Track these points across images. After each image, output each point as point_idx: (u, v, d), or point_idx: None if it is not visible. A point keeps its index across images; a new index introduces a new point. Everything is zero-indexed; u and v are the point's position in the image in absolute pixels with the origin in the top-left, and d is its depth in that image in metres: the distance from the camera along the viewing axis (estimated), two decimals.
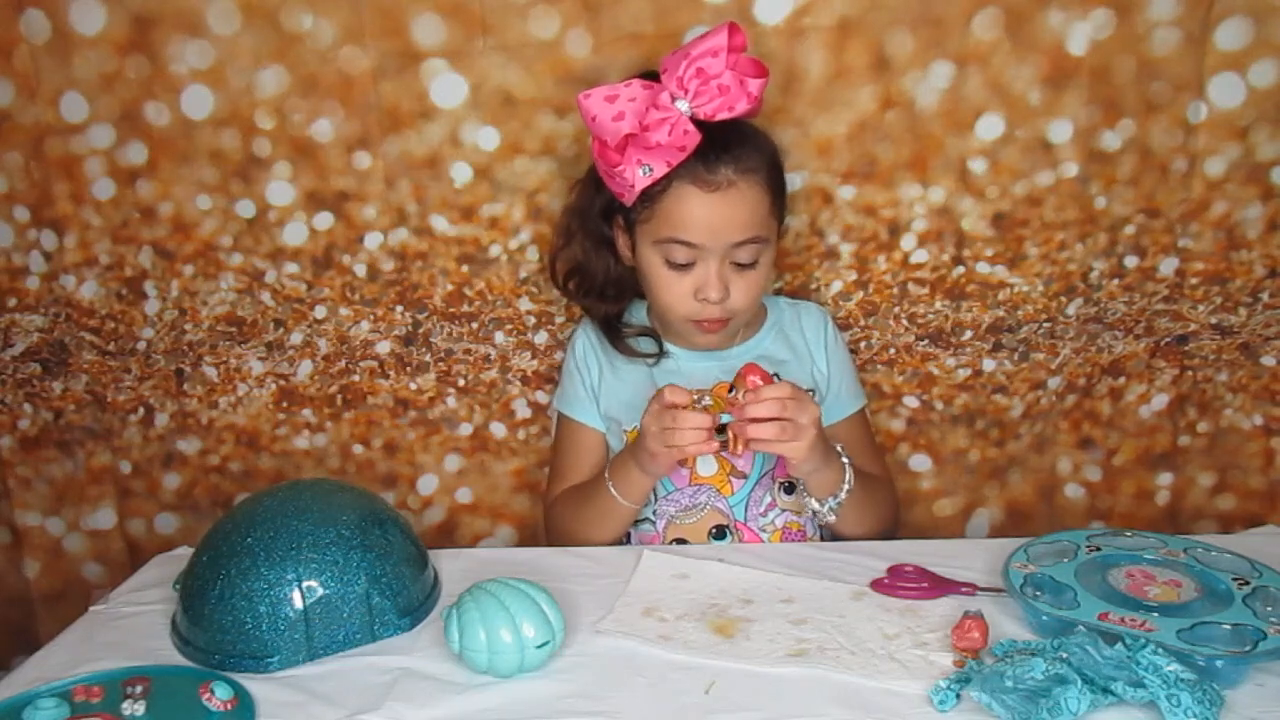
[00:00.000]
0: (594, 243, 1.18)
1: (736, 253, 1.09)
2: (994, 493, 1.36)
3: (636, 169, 1.06)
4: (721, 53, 1.04)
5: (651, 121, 1.04)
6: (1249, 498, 1.34)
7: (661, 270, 1.11)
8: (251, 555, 0.92)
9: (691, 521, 1.15)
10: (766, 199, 1.09)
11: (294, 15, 1.20)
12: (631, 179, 1.06)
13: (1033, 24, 1.17)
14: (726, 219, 1.07)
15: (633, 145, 1.06)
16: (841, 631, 0.91)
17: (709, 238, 1.07)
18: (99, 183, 1.27)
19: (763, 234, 1.09)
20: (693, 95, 1.05)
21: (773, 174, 1.11)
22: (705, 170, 1.06)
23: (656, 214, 1.09)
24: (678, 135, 1.04)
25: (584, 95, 1.07)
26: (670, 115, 1.05)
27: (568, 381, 1.24)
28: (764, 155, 1.10)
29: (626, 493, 1.10)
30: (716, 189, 1.06)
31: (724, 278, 1.09)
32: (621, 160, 1.06)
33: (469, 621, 0.85)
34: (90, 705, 0.84)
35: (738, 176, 1.07)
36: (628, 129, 1.04)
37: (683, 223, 1.08)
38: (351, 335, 1.32)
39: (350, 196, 1.26)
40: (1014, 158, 1.22)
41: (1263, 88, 1.18)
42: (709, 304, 1.09)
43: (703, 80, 1.05)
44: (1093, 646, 0.80)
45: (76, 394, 1.36)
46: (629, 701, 0.83)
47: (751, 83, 1.06)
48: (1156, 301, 1.27)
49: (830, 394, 1.20)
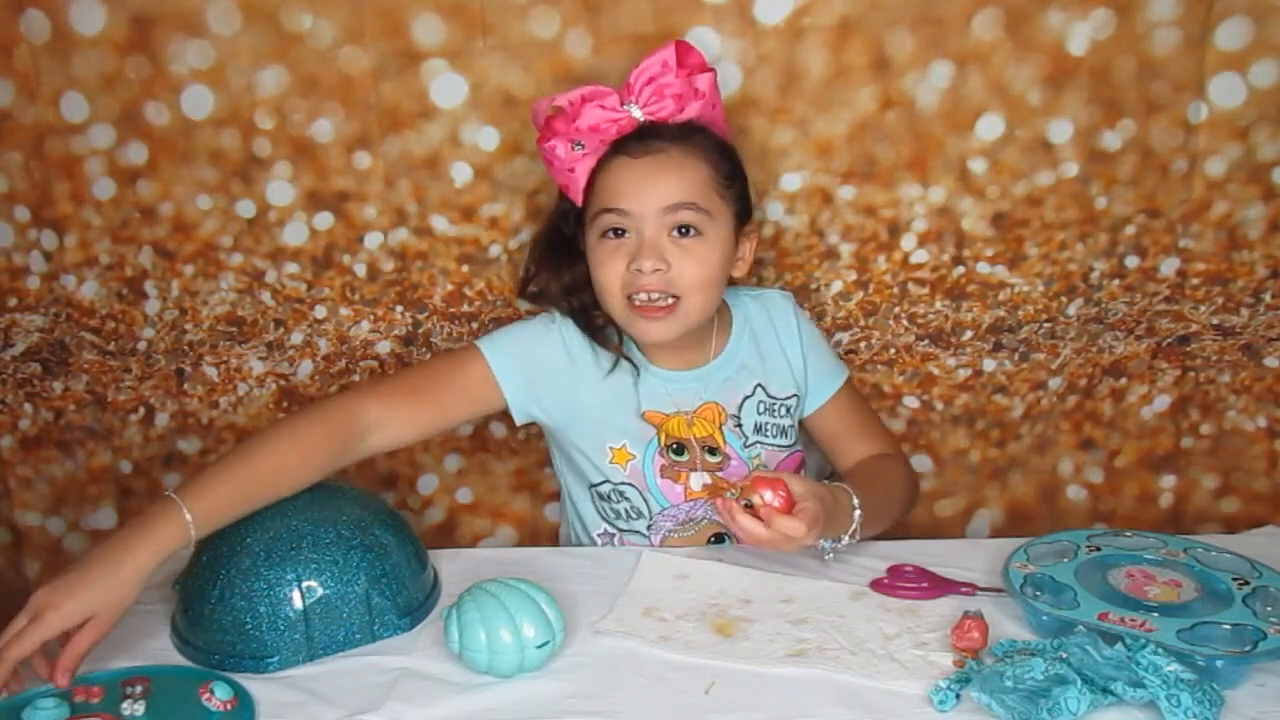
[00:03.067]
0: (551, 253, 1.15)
1: (673, 217, 1.05)
2: (995, 493, 1.36)
3: (569, 145, 1.06)
4: (670, 64, 1.05)
5: (600, 121, 1.05)
6: (1253, 500, 1.34)
7: (597, 247, 1.07)
8: (251, 555, 0.92)
9: (690, 534, 1.14)
10: (706, 171, 1.06)
11: (294, 15, 1.20)
12: (564, 155, 1.06)
13: (1033, 24, 1.17)
14: (656, 181, 1.04)
15: (565, 127, 1.06)
16: (841, 631, 0.91)
17: (638, 202, 1.04)
18: (99, 183, 1.27)
19: (699, 202, 1.04)
20: (644, 101, 1.05)
21: (720, 157, 1.08)
22: (637, 142, 1.06)
23: (594, 195, 1.08)
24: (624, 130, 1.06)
25: (535, 104, 1.10)
26: (620, 117, 1.05)
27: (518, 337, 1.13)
28: (710, 140, 1.08)
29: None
30: (646, 154, 1.05)
31: (660, 248, 1.04)
32: (553, 138, 1.06)
33: (469, 621, 0.85)
34: (90, 705, 0.84)
35: (671, 145, 1.05)
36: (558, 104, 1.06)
37: (613, 191, 1.06)
38: (352, 335, 1.32)
39: (350, 196, 1.26)
40: (1014, 158, 1.22)
41: (1263, 88, 1.18)
42: (642, 274, 1.03)
43: (655, 89, 1.05)
44: (1093, 646, 0.80)
45: (77, 394, 1.36)
46: (629, 701, 0.83)
47: (699, 79, 1.06)
48: (1158, 302, 1.27)
49: (810, 380, 1.18)
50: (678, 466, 1.13)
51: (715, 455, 1.13)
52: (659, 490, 1.13)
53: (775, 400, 1.16)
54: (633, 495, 1.13)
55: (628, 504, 1.13)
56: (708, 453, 1.13)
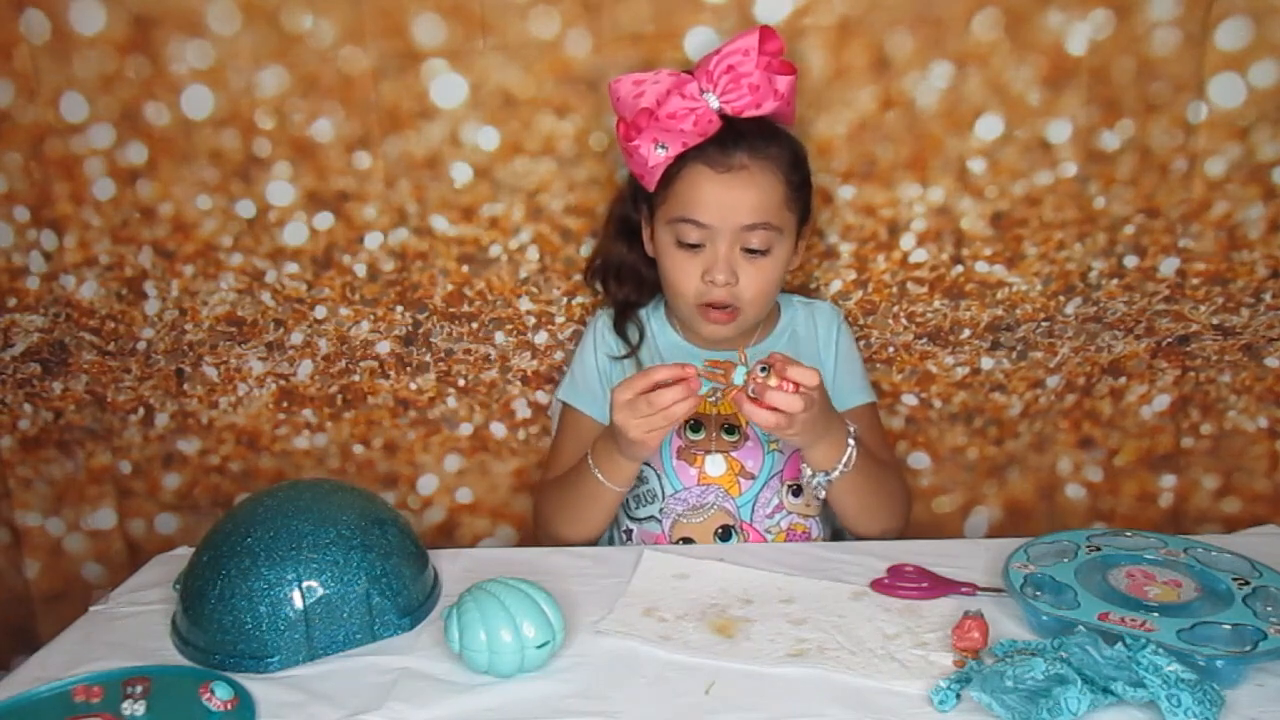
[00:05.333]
0: (620, 232, 1.21)
1: (747, 237, 1.09)
2: (993, 491, 1.36)
3: (652, 146, 1.07)
4: (753, 52, 1.06)
5: (678, 109, 1.06)
6: (1254, 501, 1.34)
7: (673, 251, 1.12)
8: (252, 555, 0.92)
9: (699, 521, 1.15)
10: (781, 189, 1.10)
11: (294, 15, 1.20)
12: (648, 155, 1.07)
13: (1032, 24, 1.17)
14: (736, 200, 1.08)
15: (650, 123, 1.07)
16: (841, 631, 0.91)
17: (718, 218, 1.08)
18: (99, 183, 1.27)
19: (774, 222, 1.09)
20: (721, 90, 1.07)
21: (792, 169, 1.11)
22: (719, 152, 1.08)
23: (670, 195, 1.11)
24: (701, 124, 1.07)
25: (615, 80, 1.11)
26: (698, 106, 1.07)
27: (579, 370, 1.24)
28: (784, 149, 1.11)
29: (612, 476, 1.09)
30: (729, 170, 1.08)
31: (732, 262, 1.10)
32: (638, 137, 1.07)
33: (469, 621, 0.85)
34: (90, 705, 0.84)
35: (751, 161, 1.08)
36: (645, 105, 1.07)
37: (693, 202, 1.09)
38: (351, 335, 1.32)
39: (350, 196, 1.26)
40: (1013, 157, 1.22)
41: (1263, 88, 1.18)
42: (715, 286, 1.10)
43: (733, 77, 1.06)
44: (1093, 646, 0.79)
45: (76, 394, 1.36)
46: (629, 701, 0.83)
47: (779, 80, 1.08)
48: (1157, 302, 1.27)
49: (835, 390, 1.19)
50: (694, 448, 1.16)
51: (733, 434, 1.16)
52: (674, 472, 1.16)
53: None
54: (650, 476, 1.17)
55: (645, 487, 1.17)
56: (724, 431, 1.15)
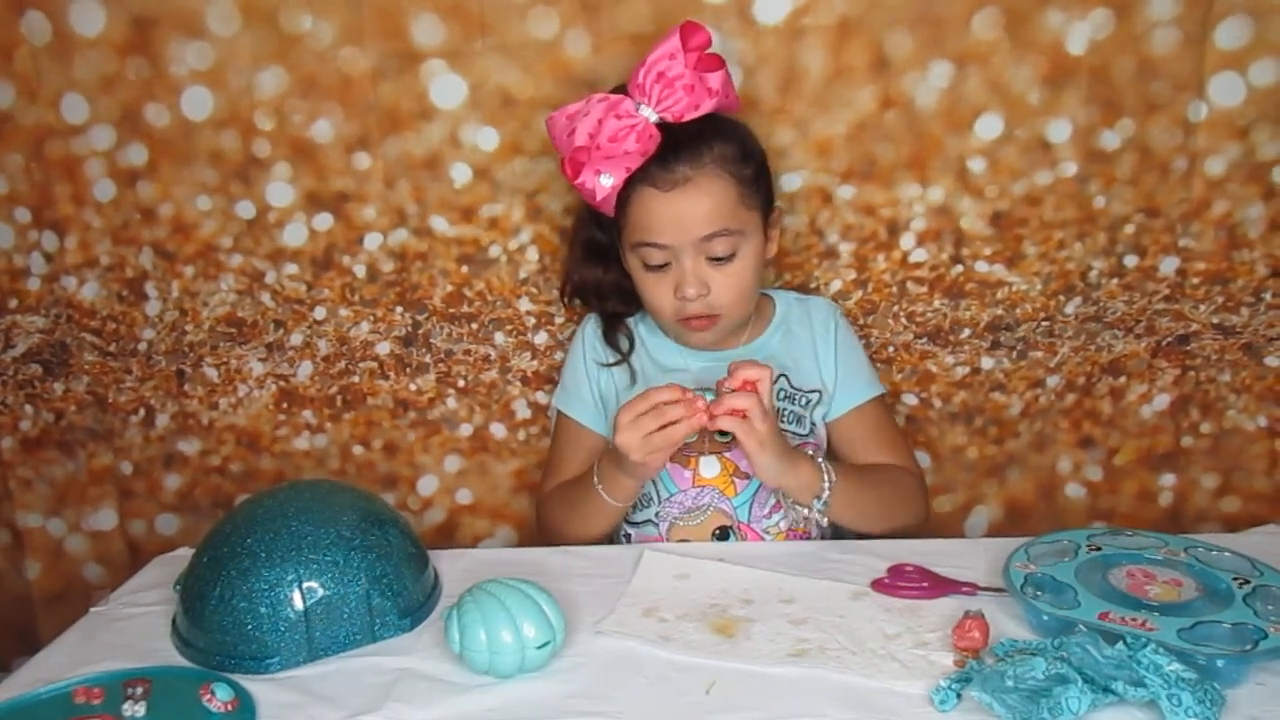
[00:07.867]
0: (589, 255, 1.21)
1: (708, 247, 1.09)
2: (993, 490, 1.36)
3: (596, 178, 1.06)
4: (679, 54, 1.05)
5: (617, 131, 1.05)
6: (1254, 500, 1.34)
7: (642, 274, 1.13)
8: (252, 556, 0.92)
9: (695, 523, 1.15)
10: (733, 189, 1.08)
11: (294, 16, 1.20)
12: (594, 188, 1.07)
13: (1032, 24, 1.17)
14: (687, 214, 1.07)
15: (589, 156, 1.06)
16: (842, 631, 0.91)
17: (674, 236, 1.08)
18: (99, 184, 1.27)
19: (732, 225, 1.08)
20: (656, 100, 1.06)
21: (741, 164, 1.10)
22: (661, 170, 1.07)
23: (627, 221, 1.11)
24: (644, 140, 1.06)
25: (549, 117, 1.11)
26: (636, 122, 1.06)
27: (570, 377, 1.24)
28: (729, 147, 1.09)
29: (616, 494, 1.09)
30: (673, 186, 1.07)
31: (700, 274, 1.09)
32: (579, 174, 1.07)
33: (469, 622, 0.85)
34: (91, 706, 0.84)
35: (693, 171, 1.07)
36: (579, 144, 1.06)
37: (647, 226, 1.09)
38: (351, 336, 1.32)
39: (350, 197, 1.27)
40: (1013, 157, 1.22)
41: (1263, 87, 1.18)
42: (688, 301, 1.10)
43: (665, 84, 1.05)
44: (1093, 646, 0.79)
45: (77, 395, 1.36)
46: (629, 702, 0.83)
47: (710, 77, 1.06)
48: (1157, 301, 1.27)
49: (838, 386, 1.19)
50: (686, 450, 1.15)
51: (725, 436, 1.15)
52: (668, 475, 1.15)
53: (797, 391, 1.18)
54: None
55: (641, 492, 1.16)
56: (717, 433, 1.14)
